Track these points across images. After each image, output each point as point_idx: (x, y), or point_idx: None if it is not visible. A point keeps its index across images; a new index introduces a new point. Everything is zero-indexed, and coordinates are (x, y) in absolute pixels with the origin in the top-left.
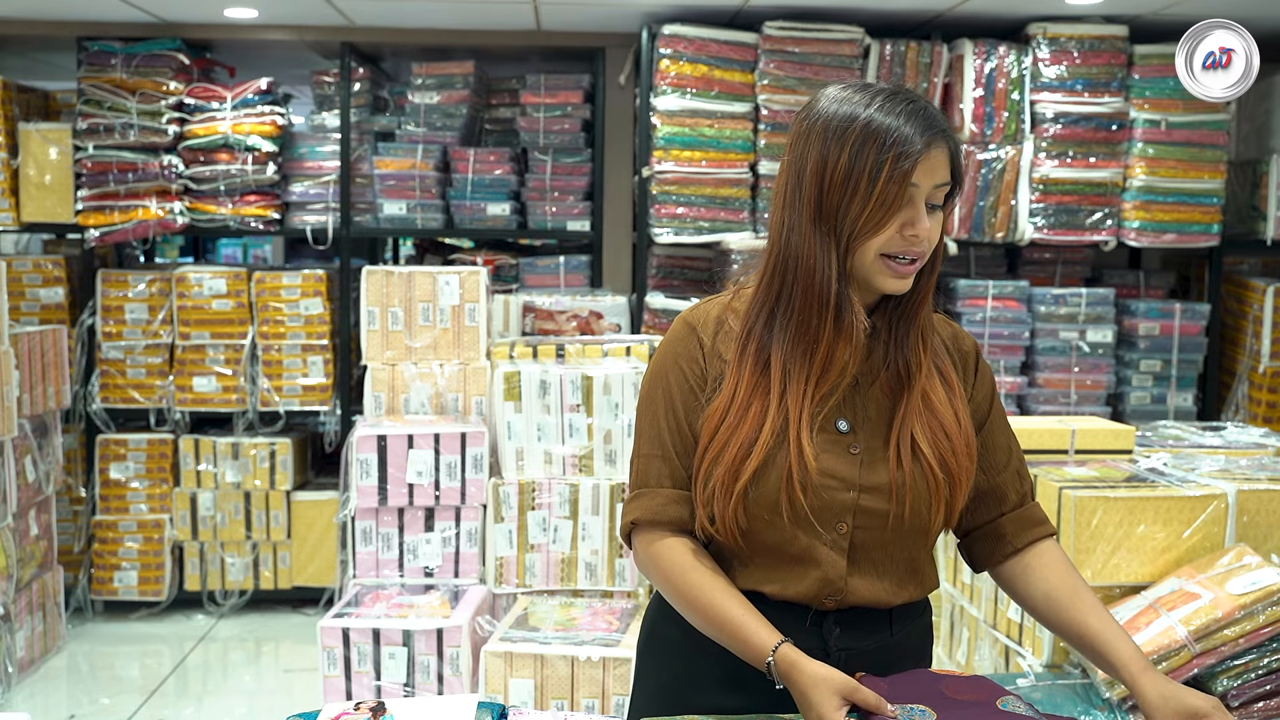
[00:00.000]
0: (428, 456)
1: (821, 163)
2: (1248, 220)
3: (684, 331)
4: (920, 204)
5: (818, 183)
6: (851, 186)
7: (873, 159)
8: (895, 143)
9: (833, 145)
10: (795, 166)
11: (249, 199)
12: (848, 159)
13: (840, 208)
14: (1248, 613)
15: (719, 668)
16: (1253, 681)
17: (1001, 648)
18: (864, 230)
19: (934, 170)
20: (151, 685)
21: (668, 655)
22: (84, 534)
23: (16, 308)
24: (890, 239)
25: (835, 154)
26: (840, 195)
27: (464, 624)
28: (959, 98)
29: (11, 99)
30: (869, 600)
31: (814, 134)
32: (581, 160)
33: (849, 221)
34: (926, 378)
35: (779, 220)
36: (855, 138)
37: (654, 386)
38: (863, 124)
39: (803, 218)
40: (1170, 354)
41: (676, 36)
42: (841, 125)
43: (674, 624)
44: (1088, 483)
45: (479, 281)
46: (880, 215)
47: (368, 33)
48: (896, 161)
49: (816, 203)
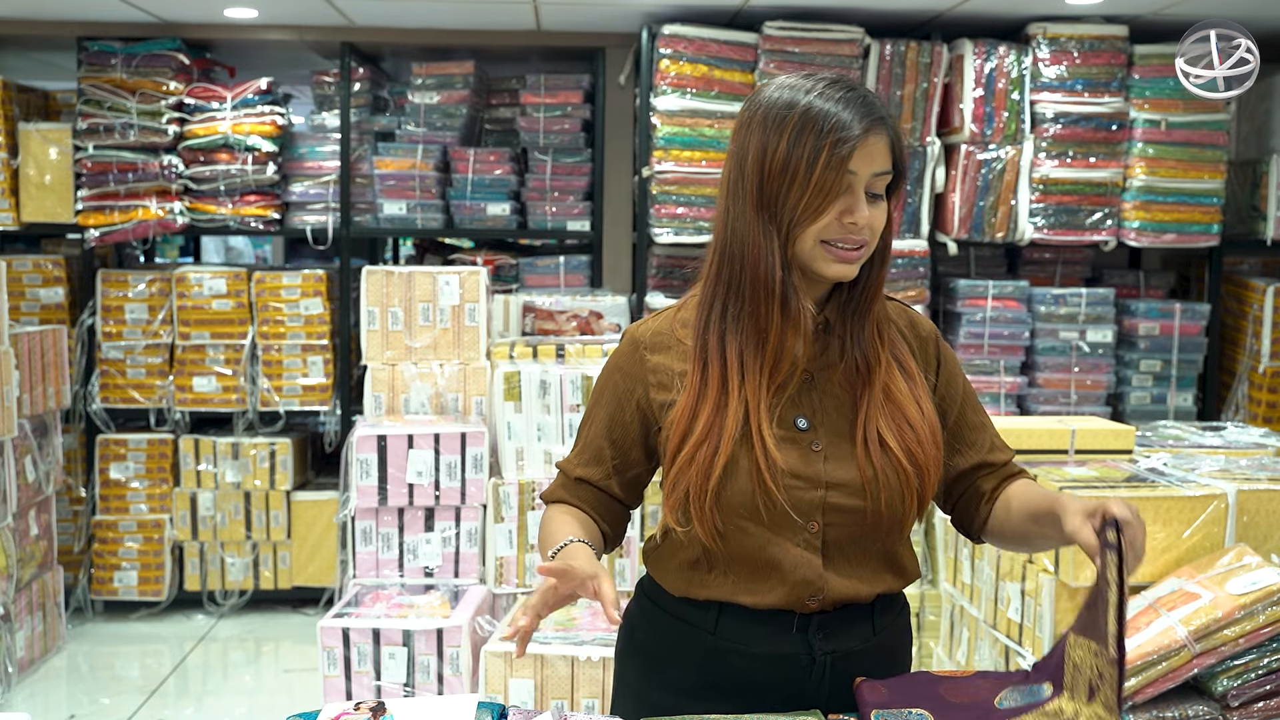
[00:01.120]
0: (428, 456)
1: (761, 150)
2: (1248, 220)
3: (627, 347)
4: (859, 191)
5: (758, 171)
6: (790, 173)
7: (810, 145)
8: (833, 129)
9: (772, 133)
10: (738, 156)
11: (249, 199)
12: (786, 146)
13: (780, 195)
14: (1248, 613)
15: (696, 673)
16: (1253, 681)
17: (1001, 648)
18: (803, 217)
19: (873, 158)
20: (151, 685)
21: (646, 661)
22: (84, 534)
23: (16, 308)
24: (829, 226)
25: (774, 141)
26: (779, 182)
27: (464, 624)
28: (959, 98)
29: (11, 99)
30: (850, 596)
31: (755, 123)
32: (581, 160)
33: (788, 209)
34: (886, 370)
35: (723, 210)
36: (794, 124)
37: (593, 401)
38: (801, 110)
39: (746, 206)
40: (1170, 354)
41: (676, 36)
42: (781, 113)
43: (651, 630)
44: (1088, 483)
45: (479, 281)
46: (818, 202)
47: (368, 33)
48: (834, 148)
49: (758, 191)
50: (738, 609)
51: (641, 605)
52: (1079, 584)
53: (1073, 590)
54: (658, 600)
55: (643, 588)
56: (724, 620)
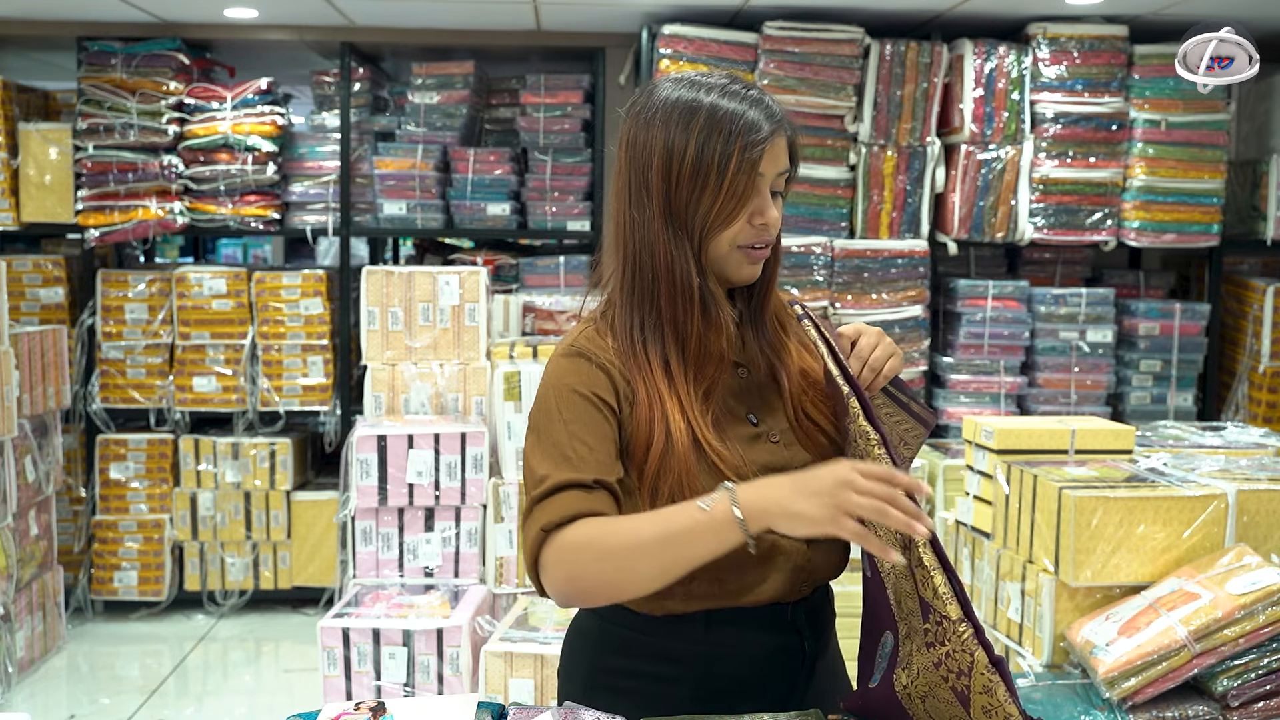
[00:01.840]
0: (428, 456)
1: (667, 155)
2: (1248, 220)
3: (573, 364)
4: (766, 192)
5: (664, 177)
6: (701, 179)
7: (720, 149)
8: (742, 131)
9: (677, 134)
10: (637, 161)
11: (249, 199)
12: (695, 149)
13: (690, 201)
14: (1248, 613)
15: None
16: (1253, 681)
17: (1001, 648)
18: (716, 223)
19: (777, 158)
20: (151, 685)
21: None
22: (84, 534)
23: (16, 308)
24: (741, 229)
25: (681, 143)
26: (690, 189)
27: (464, 624)
28: (959, 98)
29: (11, 99)
30: (828, 572)
31: (654, 123)
32: (581, 160)
33: (700, 215)
34: (797, 354)
35: (625, 219)
36: (700, 126)
37: (546, 420)
38: (708, 111)
39: (652, 215)
40: (1170, 354)
41: (676, 36)
42: (685, 114)
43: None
44: (1088, 483)
45: (479, 281)
46: (732, 207)
47: (368, 33)
48: (744, 151)
49: (665, 198)
50: (727, 613)
51: (601, 629)
52: (1079, 584)
53: (1072, 590)
54: (629, 624)
55: (598, 612)
56: (714, 628)
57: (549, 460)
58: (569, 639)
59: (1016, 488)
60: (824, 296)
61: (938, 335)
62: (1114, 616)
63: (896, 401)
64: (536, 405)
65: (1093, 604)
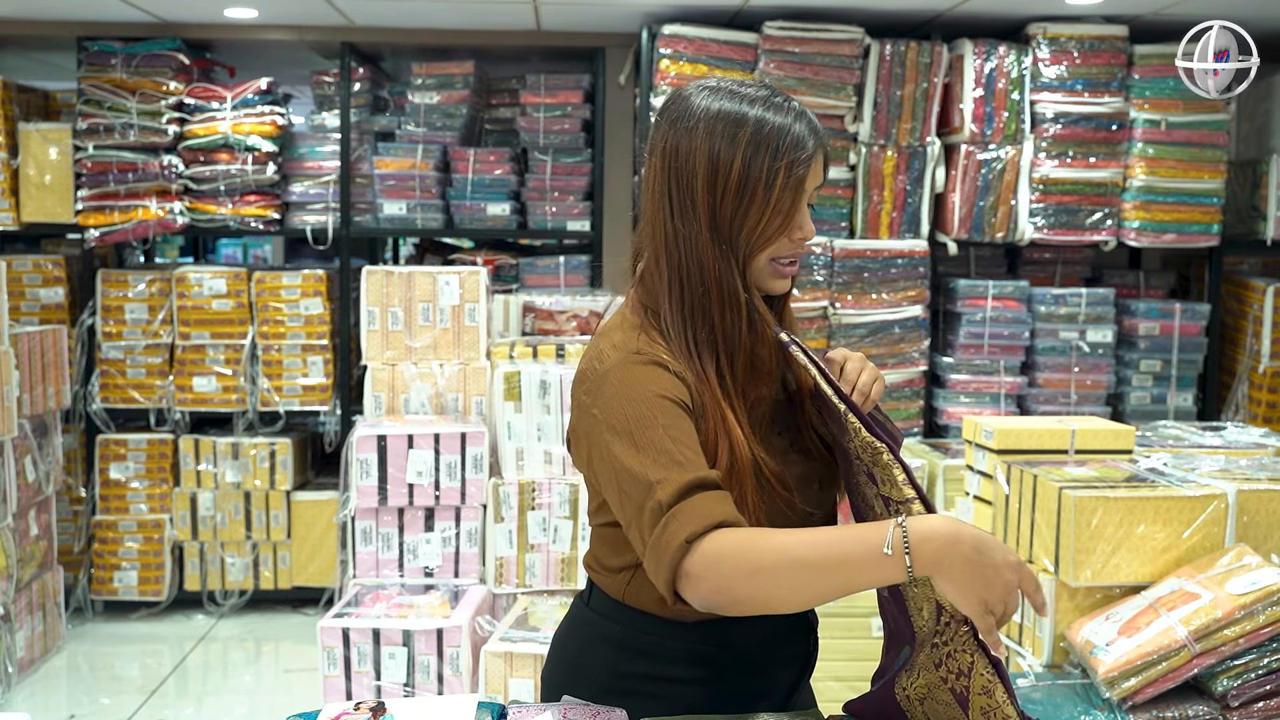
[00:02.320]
0: (428, 456)
1: (712, 168)
2: (1248, 220)
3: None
4: (805, 207)
5: (710, 190)
6: (748, 194)
7: (767, 164)
8: (789, 147)
9: (723, 147)
10: (679, 172)
11: (249, 199)
12: (742, 164)
13: (735, 216)
14: (1248, 613)
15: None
16: (1253, 681)
17: (1001, 649)
18: (761, 239)
19: (818, 174)
20: (151, 685)
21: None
22: (84, 534)
23: (16, 308)
24: (781, 244)
25: (728, 158)
26: (736, 204)
27: (464, 624)
28: (959, 98)
29: (11, 99)
30: None
31: (698, 135)
32: (581, 160)
33: (746, 230)
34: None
35: (669, 230)
36: (747, 140)
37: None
38: (754, 124)
39: (699, 229)
40: (1170, 354)
41: (676, 36)
42: (731, 125)
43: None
44: (1088, 483)
45: (479, 281)
46: (778, 223)
47: (368, 33)
48: (791, 169)
49: (710, 212)
50: (750, 618)
51: (617, 634)
52: (1079, 584)
53: (1072, 590)
54: (654, 629)
55: (612, 616)
56: (739, 630)
57: (659, 466)
58: (571, 646)
59: (1016, 488)
60: (824, 296)
61: (938, 335)
62: (1114, 616)
63: (877, 423)
64: (622, 412)
65: (1093, 604)
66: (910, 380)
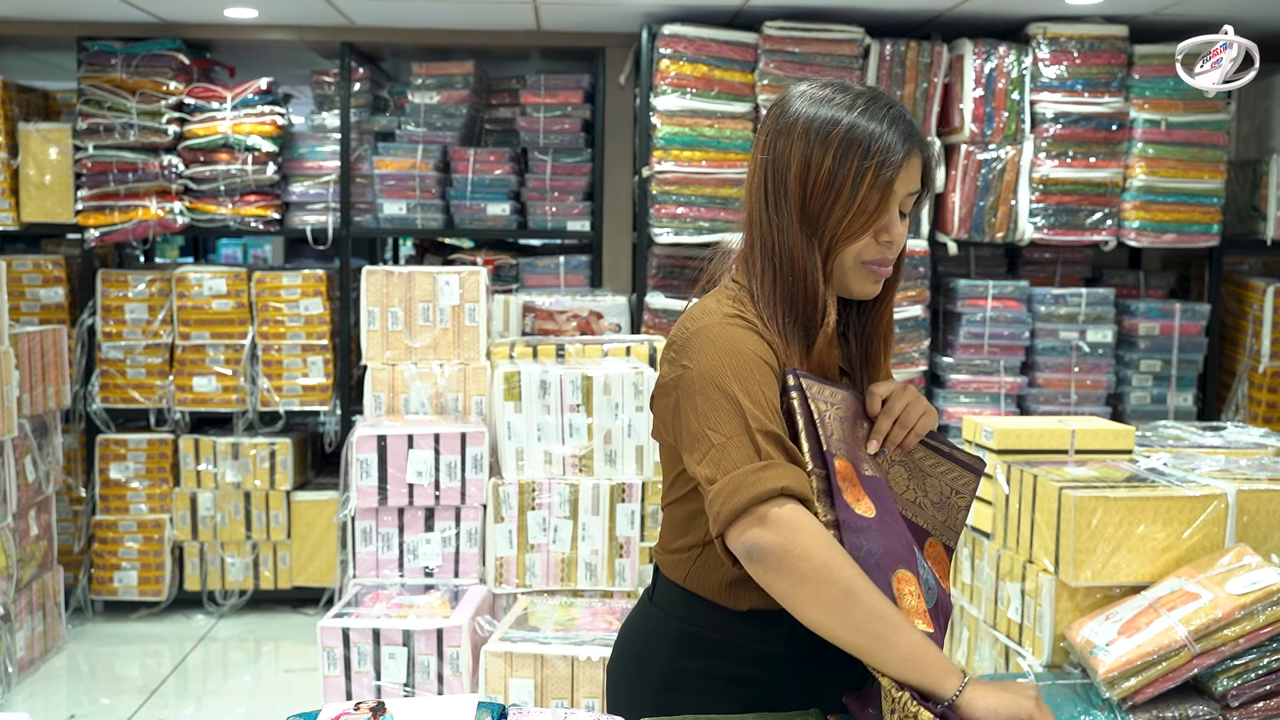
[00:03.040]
0: (428, 456)
1: (804, 165)
2: (1248, 220)
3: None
4: (894, 210)
5: (801, 185)
6: (835, 191)
7: (856, 165)
8: (878, 150)
9: (816, 147)
10: (776, 166)
11: (249, 199)
12: (832, 163)
13: (823, 211)
14: (1248, 613)
15: (767, 693)
16: (1253, 681)
17: (1001, 648)
18: (844, 235)
19: (910, 178)
20: (151, 685)
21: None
22: (84, 534)
23: (16, 308)
24: (867, 245)
25: (819, 157)
26: (823, 199)
27: (464, 624)
28: (959, 98)
29: (11, 99)
30: None
31: (795, 134)
32: (581, 160)
33: (830, 225)
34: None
35: (763, 219)
36: (839, 142)
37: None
38: (846, 128)
39: (790, 219)
40: (1170, 354)
41: (676, 36)
42: (824, 128)
43: (707, 656)
44: (1088, 483)
45: (479, 281)
46: (861, 220)
47: (368, 33)
48: (879, 170)
49: (800, 204)
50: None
51: (679, 630)
52: (1079, 584)
53: (1072, 590)
54: (712, 624)
55: (672, 612)
56: (797, 627)
57: (761, 411)
58: (634, 643)
59: (1016, 488)
60: None
61: (938, 335)
62: (1114, 616)
63: (939, 453)
64: (719, 360)
65: (1093, 604)
66: (910, 380)
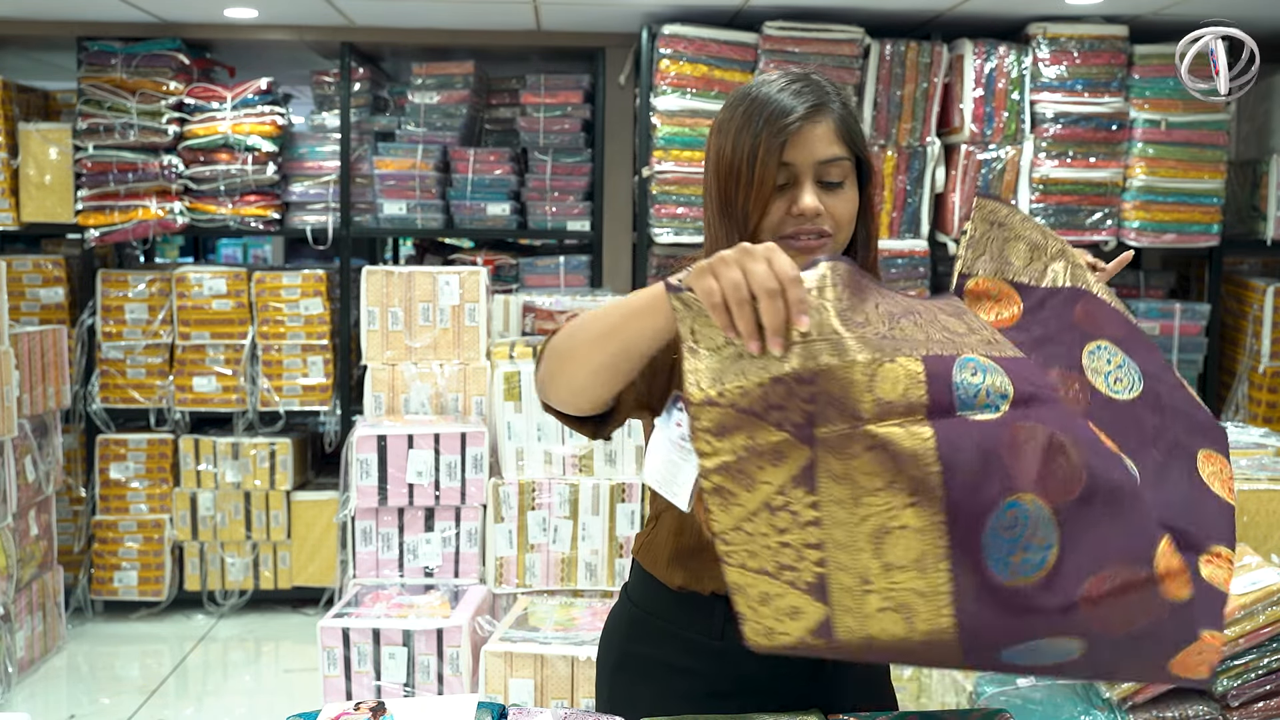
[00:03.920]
0: (428, 456)
1: (716, 157)
2: (1248, 220)
3: None
4: (805, 181)
5: (716, 177)
6: (737, 173)
7: (749, 141)
8: (768, 119)
9: (726, 133)
10: (705, 168)
11: (249, 199)
12: (732, 144)
13: (733, 196)
14: (1248, 613)
15: (703, 683)
16: (1253, 681)
17: None
18: (753, 214)
19: (812, 145)
20: (151, 685)
21: (641, 674)
22: (84, 534)
23: (16, 308)
24: (782, 220)
25: (724, 144)
26: (732, 185)
27: (464, 624)
28: (959, 98)
29: (11, 99)
30: None
31: (713, 131)
32: (581, 160)
33: (739, 208)
34: None
35: (705, 221)
36: (737, 121)
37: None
38: (745, 105)
39: (714, 213)
40: (1170, 354)
41: (676, 36)
42: (727, 115)
43: (647, 639)
44: None
45: (479, 281)
46: (764, 196)
47: (368, 33)
48: (770, 139)
49: (718, 196)
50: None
51: (630, 613)
52: None
53: None
54: (652, 606)
55: (630, 595)
56: (730, 623)
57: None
58: (609, 621)
59: None
60: None
61: None
62: None
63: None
64: None
65: None
66: None
